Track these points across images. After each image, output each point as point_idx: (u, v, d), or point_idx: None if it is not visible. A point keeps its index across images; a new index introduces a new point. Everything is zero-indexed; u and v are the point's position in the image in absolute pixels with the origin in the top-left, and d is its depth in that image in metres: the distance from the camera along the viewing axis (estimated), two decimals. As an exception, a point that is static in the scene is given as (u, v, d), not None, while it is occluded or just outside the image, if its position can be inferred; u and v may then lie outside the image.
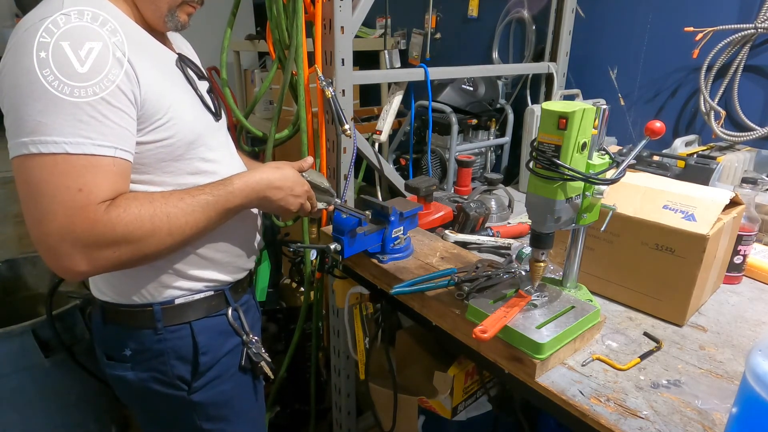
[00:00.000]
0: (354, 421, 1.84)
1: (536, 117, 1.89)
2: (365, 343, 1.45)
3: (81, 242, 0.75)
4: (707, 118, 1.67)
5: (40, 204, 0.73)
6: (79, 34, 0.75)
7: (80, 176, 0.74)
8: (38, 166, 0.73)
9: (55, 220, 0.73)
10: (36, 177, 0.73)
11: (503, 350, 0.92)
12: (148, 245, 0.81)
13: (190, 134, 0.91)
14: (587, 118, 0.84)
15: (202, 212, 0.87)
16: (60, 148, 0.73)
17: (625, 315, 1.09)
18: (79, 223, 0.74)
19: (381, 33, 3.07)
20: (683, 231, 1.00)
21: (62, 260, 0.75)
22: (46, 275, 1.97)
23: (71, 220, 0.74)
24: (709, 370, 0.91)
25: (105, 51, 0.77)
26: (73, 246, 0.75)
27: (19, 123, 0.73)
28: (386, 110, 1.66)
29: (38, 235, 0.75)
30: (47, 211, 0.73)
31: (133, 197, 0.81)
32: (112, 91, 0.77)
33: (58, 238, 0.74)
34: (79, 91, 0.74)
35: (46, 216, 0.73)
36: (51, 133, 0.72)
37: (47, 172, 0.73)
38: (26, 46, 0.73)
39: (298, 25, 1.44)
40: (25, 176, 0.74)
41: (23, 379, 1.58)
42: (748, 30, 1.54)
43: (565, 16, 1.96)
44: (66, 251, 0.75)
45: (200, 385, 1.01)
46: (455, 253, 1.29)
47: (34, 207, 0.74)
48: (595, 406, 0.82)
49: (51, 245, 0.74)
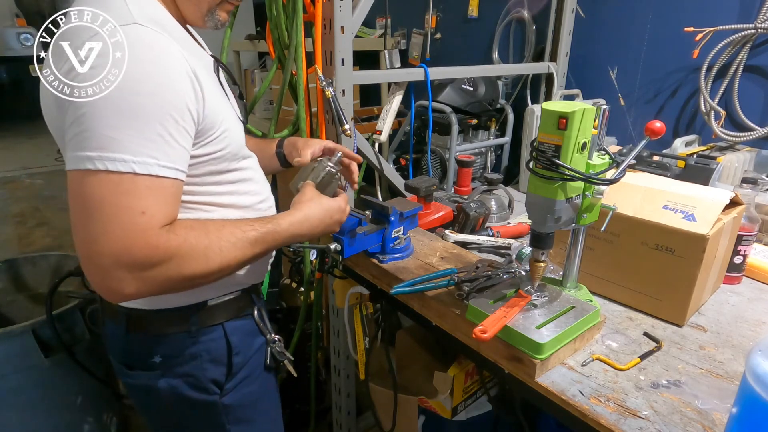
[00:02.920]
0: (354, 421, 1.84)
1: (536, 117, 1.89)
2: (365, 343, 1.45)
3: (136, 266, 0.72)
4: (707, 118, 1.67)
5: (97, 222, 0.70)
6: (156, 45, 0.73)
7: (143, 198, 0.71)
8: (101, 183, 0.69)
9: (112, 241, 0.70)
10: (97, 194, 0.69)
11: (503, 350, 0.92)
12: (197, 276, 0.79)
13: (236, 145, 0.91)
14: (587, 118, 0.84)
15: (250, 248, 0.85)
16: (128, 167, 0.69)
17: (625, 315, 1.09)
18: (138, 247, 0.71)
19: (381, 33, 3.07)
20: (683, 231, 1.00)
21: (111, 282, 0.72)
22: (46, 275, 1.97)
23: (130, 242, 0.70)
24: (709, 370, 0.91)
25: (178, 65, 0.75)
26: (127, 270, 0.71)
27: (86, 135, 0.69)
28: (386, 110, 1.66)
29: (89, 254, 0.71)
30: (104, 230, 0.70)
31: (190, 227, 0.78)
32: (180, 109, 0.74)
33: (113, 260, 0.70)
34: (151, 108, 0.71)
35: (103, 236, 0.70)
36: (120, 150, 0.69)
37: (110, 191, 0.69)
38: None
39: (298, 25, 1.44)
40: (84, 191, 0.70)
41: (23, 379, 1.58)
42: (748, 30, 1.54)
43: (565, 16, 1.96)
44: (118, 274, 0.71)
45: (231, 387, 1.00)
46: (455, 253, 1.29)
47: (89, 224, 0.70)
48: (595, 406, 0.82)
49: (103, 266, 0.70)
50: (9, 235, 3.82)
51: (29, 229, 3.94)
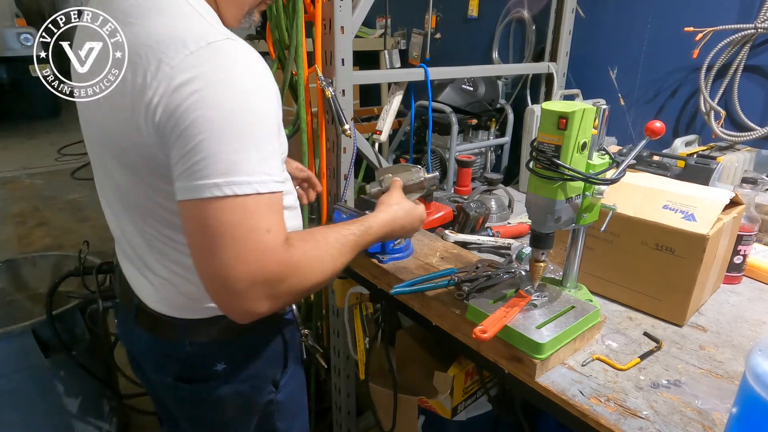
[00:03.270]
0: (354, 421, 1.84)
1: (536, 117, 1.89)
2: (365, 343, 1.45)
3: (269, 285, 0.70)
4: (707, 118, 1.67)
5: (228, 248, 0.67)
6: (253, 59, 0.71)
7: (266, 216, 0.70)
8: (230, 208, 0.67)
9: (246, 263, 0.68)
10: (227, 219, 0.67)
11: (503, 350, 0.92)
12: (316, 285, 0.79)
13: (286, 149, 0.90)
14: (587, 118, 0.84)
15: (350, 252, 0.86)
16: (252, 189, 0.68)
17: (625, 315, 1.09)
18: (270, 265, 0.70)
19: (381, 33, 3.07)
20: (683, 231, 1.00)
21: (247, 304, 0.70)
22: (46, 275, 1.97)
23: (263, 263, 0.69)
24: (709, 370, 0.91)
25: (270, 76, 0.72)
26: (262, 290, 0.70)
27: (208, 162, 0.66)
28: (386, 110, 1.66)
29: (224, 281, 0.69)
30: (238, 255, 0.68)
31: (303, 239, 0.78)
32: (280, 121, 0.74)
33: (249, 283, 0.68)
34: (264, 126, 0.70)
35: (236, 260, 0.68)
36: (244, 172, 0.67)
37: (239, 215, 0.68)
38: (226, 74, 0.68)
39: (298, 25, 1.44)
40: (211, 218, 0.67)
41: (23, 379, 1.58)
42: (748, 30, 1.54)
43: (565, 16, 1.96)
44: (255, 295, 0.70)
45: (284, 384, 1.01)
46: (455, 253, 1.29)
47: (220, 251, 0.68)
48: (595, 406, 0.82)
49: (239, 289, 0.69)
50: (9, 235, 3.82)
51: (29, 229, 3.94)
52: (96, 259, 1.70)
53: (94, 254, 1.74)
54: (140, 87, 0.68)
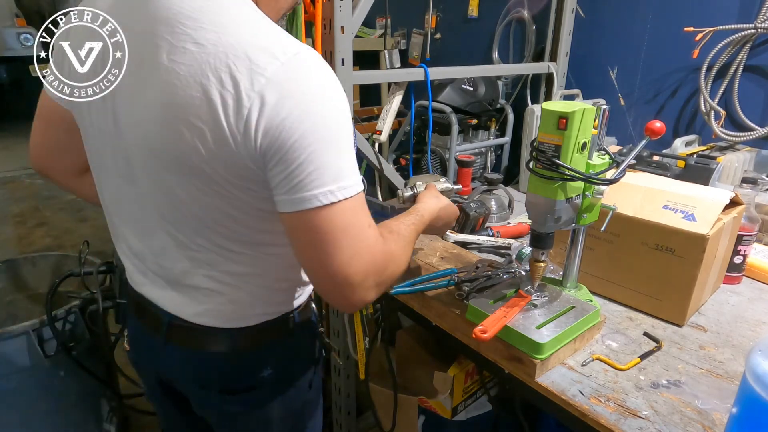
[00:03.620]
0: (354, 421, 1.84)
1: (536, 117, 1.89)
2: (365, 343, 1.45)
3: (377, 274, 0.76)
4: (707, 118, 1.67)
5: (346, 248, 0.72)
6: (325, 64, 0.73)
7: (365, 212, 0.75)
8: (342, 210, 0.71)
9: (362, 259, 0.73)
10: (341, 222, 0.71)
11: (503, 350, 0.92)
12: (403, 271, 0.85)
13: None
14: (587, 118, 0.84)
15: (415, 240, 0.93)
16: (355, 189, 0.72)
17: (625, 315, 1.09)
18: (377, 257, 0.75)
19: (381, 33, 3.07)
20: (683, 231, 1.00)
21: (361, 294, 0.75)
22: (46, 275, 1.97)
23: (373, 256, 0.75)
24: (709, 370, 0.91)
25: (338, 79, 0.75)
26: (373, 278, 0.75)
27: (321, 171, 0.69)
28: (386, 110, 1.66)
29: (344, 277, 0.73)
30: (354, 252, 0.72)
31: (387, 230, 0.85)
32: None
33: (363, 276, 0.74)
34: (349, 128, 0.73)
35: (354, 257, 0.72)
36: (347, 176, 0.71)
37: (350, 215, 0.72)
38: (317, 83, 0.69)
39: (298, 25, 1.44)
40: (328, 223, 0.71)
41: (23, 379, 1.58)
42: (748, 30, 1.54)
43: (565, 16, 1.96)
44: (367, 285, 0.75)
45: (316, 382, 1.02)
46: (455, 253, 1.29)
47: (337, 252, 0.72)
48: (595, 406, 0.82)
49: (356, 283, 0.73)
50: (9, 235, 3.82)
51: (29, 229, 3.94)
52: (96, 259, 1.70)
53: (94, 254, 1.74)
54: (233, 98, 0.66)
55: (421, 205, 1.02)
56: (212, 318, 0.87)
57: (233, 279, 0.84)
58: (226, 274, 0.84)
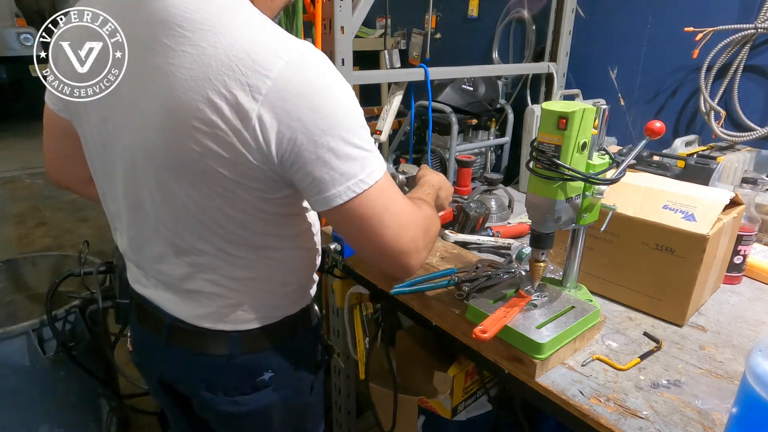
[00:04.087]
0: (354, 421, 1.84)
1: (536, 117, 1.89)
2: (365, 343, 1.45)
3: (425, 236, 0.83)
4: (707, 118, 1.67)
5: (391, 224, 0.76)
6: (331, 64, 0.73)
7: (394, 185, 0.79)
8: (377, 194, 0.74)
9: (409, 228, 0.79)
10: (381, 203, 0.75)
11: (503, 350, 0.92)
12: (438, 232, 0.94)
13: None
14: (587, 118, 0.84)
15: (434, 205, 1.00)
16: (382, 170, 0.75)
17: (625, 315, 1.09)
18: (420, 221, 0.82)
19: (381, 33, 3.07)
20: (683, 231, 1.00)
21: (416, 257, 0.81)
22: (46, 275, 1.97)
23: (416, 222, 0.81)
24: (709, 370, 0.91)
25: None
26: (421, 241, 0.82)
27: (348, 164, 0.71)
28: (386, 110, 1.66)
29: (399, 249, 0.78)
30: (400, 224, 0.77)
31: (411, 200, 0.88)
32: None
33: (414, 243, 0.80)
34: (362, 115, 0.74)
35: (402, 229, 0.78)
36: (372, 161, 0.73)
37: (387, 194, 0.76)
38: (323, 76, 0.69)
39: (298, 25, 1.44)
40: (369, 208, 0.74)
41: (23, 379, 1.58)
42: (748, 30, 1.54)
43: (565, 16, 1.96)
44: (420, 248, 0.82)
45: (318, 386, 1.02)
46: (455, 253, 1.29)
47: (386, 232, 0.76)
48: (595, 406, 0.82)
49: (409, 250, 0.79)
50: (9, 235, 3.82)
51: (29, 229, 3.94)
52: (96, 259, 1.70)
53: (94, 254, 1.74)
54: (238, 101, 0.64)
55: (427, 178, 1.08)
56: (214, 321, 0.86)
57: (235, 283, 0.84)
58: (228, 279, 0.83)
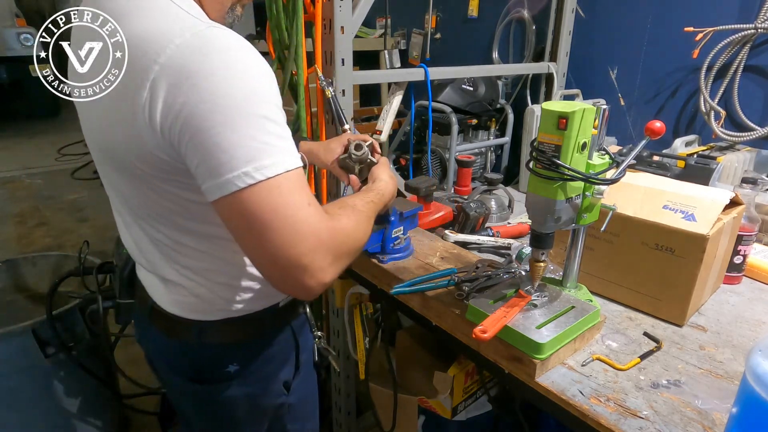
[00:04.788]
0: (354, 421, 1.84)
1: (536, 117, 1.89)
2: (365, 343, 1.45)
3: (330, 254, 0.73)
4: (707, 118, 1.67)
5: (281, 229, 0.69)
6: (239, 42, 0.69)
7: (301, 190, 0.71)
8: (268, 191, 0.68)
9: (305, 239, 0.70)
10: (268, 203, 0.68)
11: (503, 350, 0.92)
12: (361, 248, 0.83)
13: None
14: (587, 118, 0.84)
15: (374, 216, 0.91)
16: (280, 168, 0.68)
17: (625, 315, 1.09)
18: (324, 234, 0.72)
19: (381, 33, 3.07)
20: (683, 231, 1.00)
21: (316, 276, 0.72)
22: (46, 275, 1.97)
23: (318, 235, 0.71)
24: (709, 370, 0.91)
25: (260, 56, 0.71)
26: (324, 259, 0.72)
27: (232, 153, 0.66)
28: (386, 110, 1.66)
29: (288, 260, 0.70)
30: (294, 232, 0.69)
31: (339, 206, 0.82)
32: (279, 99, 0.73)
33: (312, 256, 0.70)
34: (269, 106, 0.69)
35: (295, 237, 0.69)
36: (267, 154, 0.68)
37: (277, 195, 0.69)
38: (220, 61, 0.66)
39: (298, 25, 1.44)
40: (254, 207, 0.68)
41: (23, 379, 1.58)
42: (748, 30, 1.54)
43: (565, 16, 1.96)
44: (319, 266, 0.72)
45: (296, 386, 1.01)
46: (455, 253, 1.29)
47: (274, 235, 0.69)
48: (595, 406, 0.82)
49: (305, 265, 0.70)
50: (9, 235, 3.82)
51: (29, 229, 3.94)
52: (96, 259, 1.70)
53: (94, 254, 1.74)
54: (135, 90, 0.67)
55: (381, 184, 1.01)
56: (179, 308, 0.90)
57: (192, 274, 0.86)
58: (186, 269, 0.86)
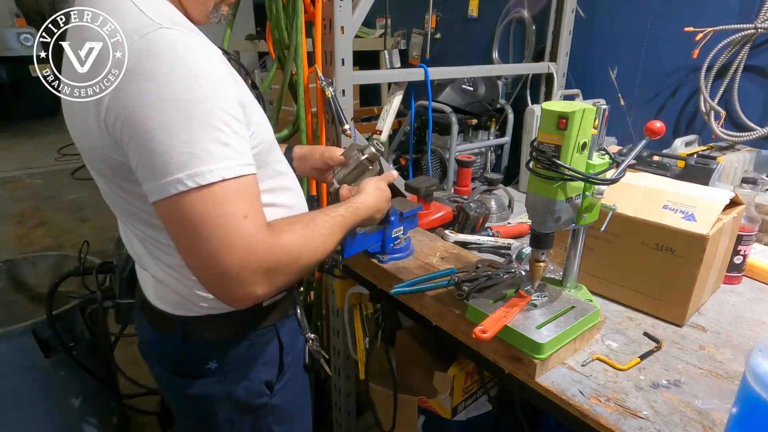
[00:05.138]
0: (354, 421, 1.84)
1: (536, 117, 1.89)
2: (365, 343, 1.45)
3: (263, 268, 0.72)
4: (707, 118, 1.67)
5: (211, 239, 0.69)
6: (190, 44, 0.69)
7: (240, 201, 0.70)
8: (198, 199, 0.68)
9: (235, 251, 0.69)
10: (199, 211, 0.68)
11: (503, 350, 0.92)
12: (310, 264, 0.82)
13: (269, 137, 0.89)
14: (587, 118, 0.84)
15: (339, 232, 0.89)
16: (216, 176, 0.68)
17: (625, 315, 1.09)
18: (258, 249, 0.71)
19: (381, 33, 3.07)
20: (683, 231, 1.00)
21: (245, 289, 0.72)
22: (46, 275, 1.97)
23: (251, 248, 0.70)
24: (709, 370, 0.91)
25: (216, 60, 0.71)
26: (256, 273, 0.72)
27: (165, 159, 0.67)
28: (386, 110, 1.66)
29: (215, 272, 0.70)
30: (222, 243, 0.69)
31: (290, 221, 0.81)
32: (233, 103, 0.72)
33: (241, 268, 0.70)
34: (212, 112, 0.69)
35: (223, 249, 0.69)
36: (204, 161, 0.67)
37: (210, 204, 0.68)
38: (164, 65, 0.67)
39: (298, 25, 1.44)
40: (184, 214, 0.69)
41: (23, 379, 1.58)
42: (748, 30, 1.54)
43: (565, 16, 1.96)
44: (249, 279, 0.72)
45: (280, 388, 1.01)
46: (455, 253, 1.29)
47: (203, 244, 0.69)
48: (595, 406, 0.82)
49: (233, 276, 0.70)
50: (9, 235, 3.82)
51: (29, 229, 3.94)
52: (96, 259, 1.70)
53: (94, 254, 1.74)
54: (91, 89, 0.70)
55: (360, 197, 0.99)
56: (164, 303, 0.92)
57: (171, 270, 0.87)
58: (164, 264, 0.87)
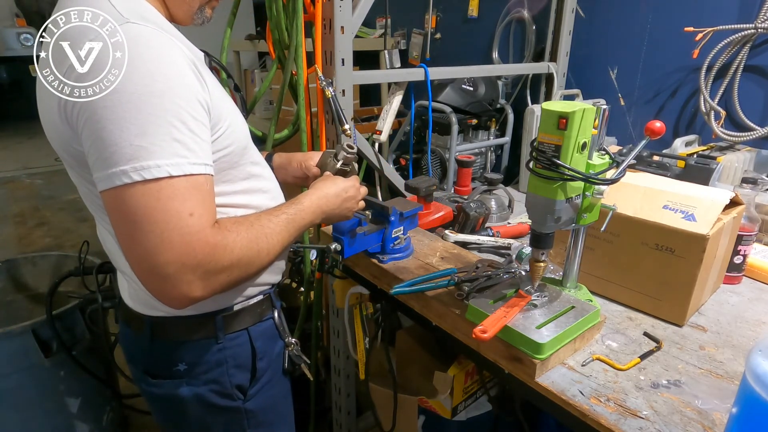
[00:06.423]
0: (354, 421, 1.84)
1: (536, 117, 1.89)
2: (365, 343, 1.45)
3: (201, 268, 0.72)
4: (707, 118, 1.67)
5: (151, 234, 0.68)
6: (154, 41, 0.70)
7: (186, 199, 0.70)
8: (143, 193, 0.68)
9: (172, 248, 0.69)
10: (142, 205, 0.68)
11: (503, 350, 0.92)
12: (254, 266, 0.81)
13: (243, 139, 0.90)
14: (587, 118, 0.84)
15: (286, 231, 0.88)
16: (163, 172, 0.68)
17: (625, 315, 1.09)
18: (199, 248, 0.71)
19: (381, 33, 3.07)
20: (683, 231, 1.00)
21: (180, 288, 0.71)
22: (46, 275, 1.97)
23: (191, 246, 0.70)
24: (709, 370, 0.91)
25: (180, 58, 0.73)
26: (194, 273, 0.71)
27: (113, 151, 0.67)
28: (386, 110, 1.66)
29: (151, 267, 0.70)
30: (161, 240, 0.69)
31: (236, 221, 0.80)
32: (193, 102, 0.73)
33: (178, 267, 0.70)
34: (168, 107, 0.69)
35: (161, 245, 0.69)
36: (151, 156, 0.67)
37: (154, 199, 0.68)
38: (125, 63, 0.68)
39: (298, 25, 1.45)
40: (128, 206, 0.68)
41: (23, 379, 1.58)
42: (748, 30, 1.54)
43: (565, 16, 1.96)
44: (186, 279, 0.71)
45: (254, 392, 1.00)
46: (455, 253, 1.29)
47: (143, 238, 0.69)
48: (595, 406, 0.82)
49: (169, 274, 0.70)
50: (9, 235, 3.82)
51: (29, 229, 3.94)
52: (96, 259, 1.70)
53: (94, 254, 1.74)
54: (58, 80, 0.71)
55: (302, 196, 0.97)
56: (134, 302, 0.93)
57: None
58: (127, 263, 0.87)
